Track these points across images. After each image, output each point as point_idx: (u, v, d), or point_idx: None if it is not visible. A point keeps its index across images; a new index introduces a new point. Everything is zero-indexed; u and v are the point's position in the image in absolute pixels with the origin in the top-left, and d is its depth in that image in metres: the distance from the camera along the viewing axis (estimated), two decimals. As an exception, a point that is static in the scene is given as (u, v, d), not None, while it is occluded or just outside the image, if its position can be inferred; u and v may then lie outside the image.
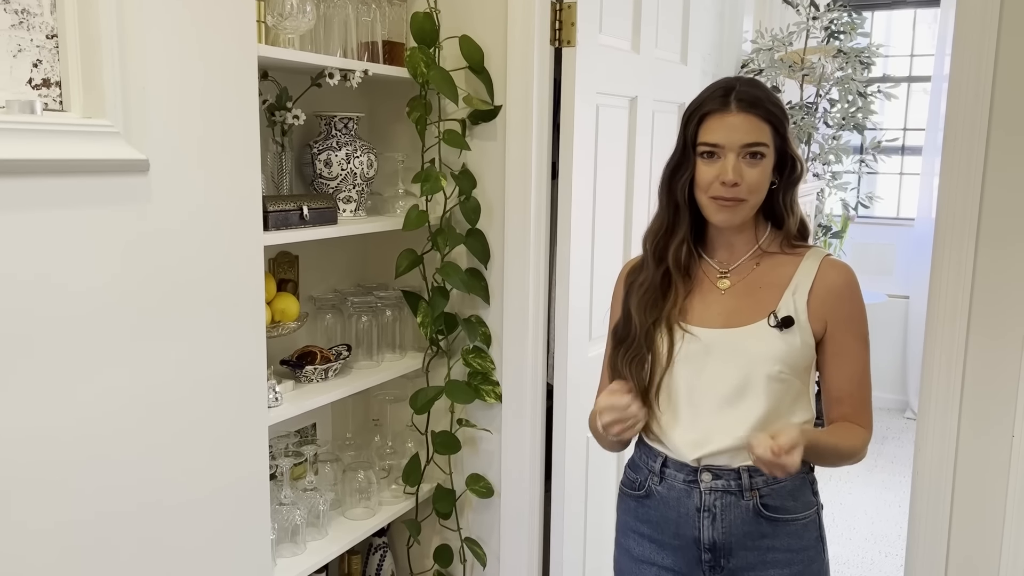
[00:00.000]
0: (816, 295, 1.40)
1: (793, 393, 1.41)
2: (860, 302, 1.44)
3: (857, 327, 1.43)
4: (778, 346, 1.38)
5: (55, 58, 1.24)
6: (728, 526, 1.40)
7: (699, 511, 1.41)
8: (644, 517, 1.48)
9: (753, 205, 1.41)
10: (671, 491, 1.44)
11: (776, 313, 1.39)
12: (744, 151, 1.37)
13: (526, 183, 2.01)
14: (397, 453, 2.17)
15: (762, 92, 1.41)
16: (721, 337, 1.41)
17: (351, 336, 2.05)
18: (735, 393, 1.39)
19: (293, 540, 1.82)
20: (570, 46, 2.00)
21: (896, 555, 3.30)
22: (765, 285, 1.43)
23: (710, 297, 1.45)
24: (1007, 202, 1.59)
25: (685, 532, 1.43)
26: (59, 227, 1.21)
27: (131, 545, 1.36)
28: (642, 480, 1.48)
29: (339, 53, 1.86)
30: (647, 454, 1.49)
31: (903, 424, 4.95)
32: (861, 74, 3.99)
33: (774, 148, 1.39)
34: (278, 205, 1.67)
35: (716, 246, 1.48)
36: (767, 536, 1.41)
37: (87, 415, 1.28)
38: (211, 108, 1.42)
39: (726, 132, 1.37)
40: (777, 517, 1.41)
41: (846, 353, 1.42)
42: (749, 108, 1.37)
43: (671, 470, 1.44)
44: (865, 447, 1.43)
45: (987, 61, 1.57)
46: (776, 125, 1.39)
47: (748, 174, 1.37)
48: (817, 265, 1.42)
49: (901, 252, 5.14)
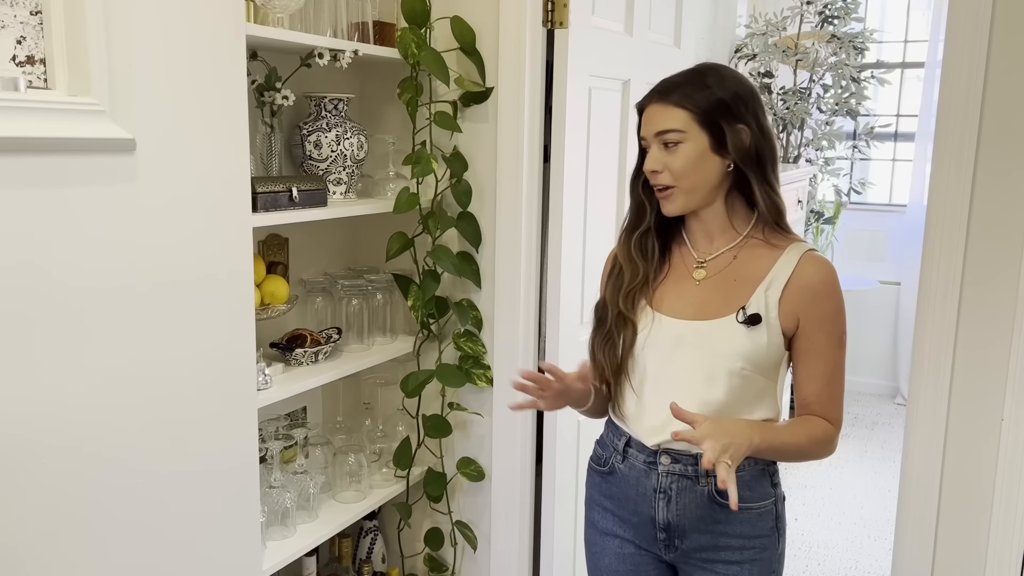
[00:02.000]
0: (790, 291, 1.39)
1: (755, 390, 1.41)
2: (836, 301, 1.41)
3: (830, 326, 1.41)
4: (743, 343, 1.38)
5: (39, 35, 1.22)
6: (682, 509, 1.43)
7: (655, 492, 1.44)
8: (608, 492, 1.53)
9: (689, 190, 1.40)
10: (632, 470, 1.47)
11: (745, 309, 1.39)
12: (659, 139, 1.40)
13: (518, 166, 2.00)
14: (388, 436, 2.17)
15: (686, 78, 1.40)
16: (690, 328, 1.42)
17: (341, 319, 2.05)
18: (698, 384, 1.41)
19: (283, 523, 1.82)
20: (563, 28, 1.99)
21: (885, 539, 3.33)
22: (740, 278, 1.42)
23: (684, 286, 1.46)
24: (999, 189, 1.59)
25: (643, 511, 1.47)
26: (42, 207, 1.20)
27: (119, 528, 1.36)
28: (607, 457, 1.52)
29: (329, 33, 1.84)
30: (614, 432, 1.53)
31: (893, 410, 4.98)
32: (855, 59, 3.98)
33: (700, 130, 1.37)
34: (267, 186, 1.66)
35: (696, 235, 1.48)
36: (720, 522, 1.43)
37: (71, 398, 1.27)
38: (199, 87, 1.41)
39: (645, 124, 1.43)
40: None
41: (817, 352, 1.41)
42: (660, 97, 1.40)
43: (633, 450, 1.48)
44: (830, 443, 1.43)
45: (980, 48, 1.57)
46: (694, 108, 1.37)
47: (668, 161, 1.39)
48: (796, 260, 1.40)
49: (893, 238, 5.15)
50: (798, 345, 1.42)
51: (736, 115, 1.38)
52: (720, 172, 1.40)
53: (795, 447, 1.41)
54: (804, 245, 1.43)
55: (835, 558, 3.25)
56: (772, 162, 1.42)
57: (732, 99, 1.38)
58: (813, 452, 1.43)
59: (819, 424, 1.42)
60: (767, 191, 1.41)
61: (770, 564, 1.47)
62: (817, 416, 1.43)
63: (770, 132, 1.42)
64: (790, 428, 1.42)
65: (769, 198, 1.41)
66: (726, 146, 1.38)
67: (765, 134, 1.40)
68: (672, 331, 1.43)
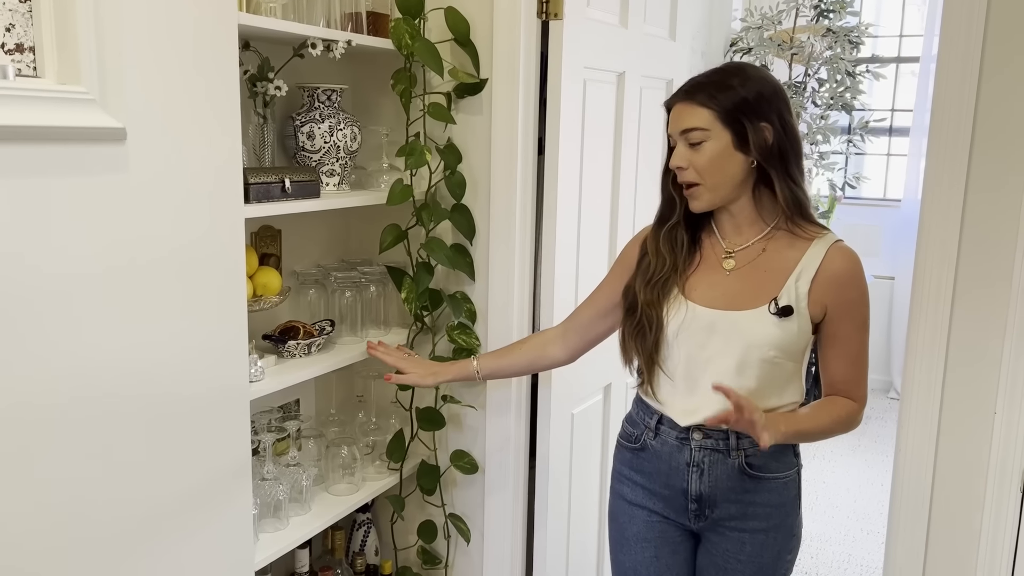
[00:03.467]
0: (819, 282, 1.46)
1: (785, 375, 1.49)
2: (862, 289, 1.49)
3: (857, 312, 1.49)
4: (775, 332, 1.45)
5: (28, 22, 1.21)
6: (714, 480, 1.52)
7: (688, 466, 1.53)
8: (638, 467, 1.61)
9: (714, 187, 1.47)
10: (664, 446, 1.56)
11: (777, 300, 1.45)
12: (684, 137, 1.46)
13: (512, 158, 1.99)
14: (381, 429, 2.16)
15: (711, 78, 1.46)
16: (723, 318, 1.48)
17: (335, 311, 2.04)
18: (731, 371, 1.47)
19: (276, 515, 1.81)
20: (557, 19, 1.98)
21: (878, 532, 3.34)
22: (770, 269, 1.49)
23: (715, 276, 1.52)
24: (993, 184, 1.60)
25: (675, 483, 1.55)
26: (31, 196, 1.18)
27: (111, 521, 1.35)
28: (638, 435, 1.61)
29: (322, 23, 1.82)
30: (644, 411, 1.61)
31: (887, 404, 5.00)
32: (850, 54, 3.97)
33: (723, 128, 1.43)
34: (259, 177, 1.65)
35: (725, 227, 1.55)
36: (749, 491, 1.52)
37: (59, 390, 1.26)
38: (190, 77, 1.40)
39: (672, 122, 1.50)
40: (760, 475, 1.52)
41: (844, 337, 1.49)
42: (686, 96, 1.46)
43: (665, 427, 1.56)
44: (854, 419, 1.52)
45: (975, 42, 1.57)
46: (717, 107, 1.43)
47: (693, 159, 1.46)
48: (824, 251, 1.47)
49: (887, 233, 5.16)
50: (826, 330, 1.50)
51: (759, 114, 1.43)
52: (744, 169, 1.46)
53: (819, 430, 1.50)
54: (832, 236, 1.50)
55: (828, 551, 3.26)
56: (796, 158, 1.47)
57: (755, 98, 1.43)
58: (837, 431, 1.52)
59: (843, 404, 1.51)
60: (789, 185, 1.47)
61: (792, 529, 1.57)
62: (842, 396, 1.52)
63: (794, 129, 1.47)
64: (815, 413, 1.50)
65: (791, 192, 1.47)
66: (748, 144, 1.43)
67: (788, 131, 1.46)
68: (705, 319, 1.49)
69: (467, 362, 1.85)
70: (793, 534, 1.58)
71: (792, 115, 1.48)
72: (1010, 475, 1.62)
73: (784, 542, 1.56)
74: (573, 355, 1.79)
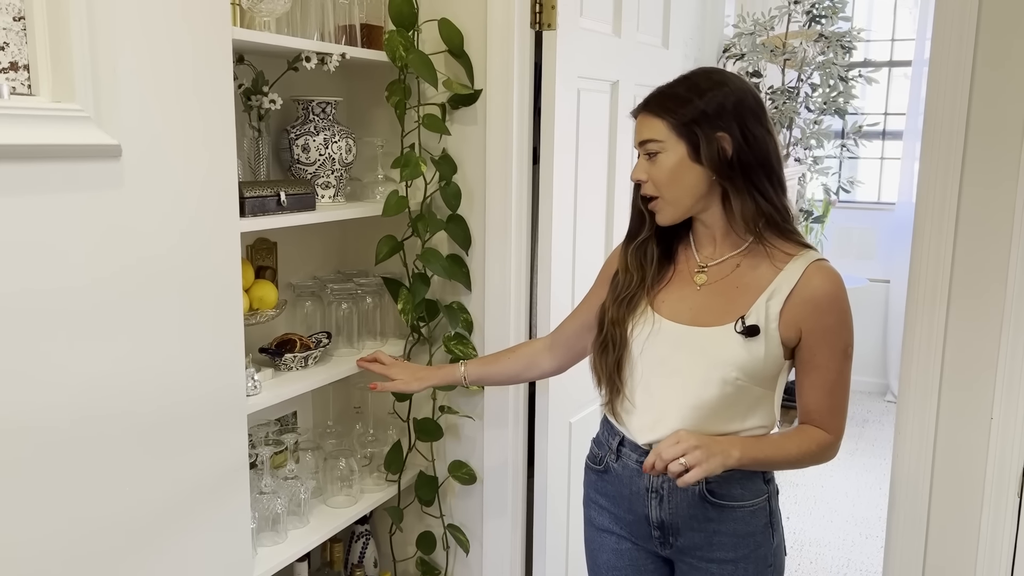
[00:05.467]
0: (793, 303, 1.36)
1: (751, 399, 1.40)
2: (841, 314, 1.38)
3: (834, 339, 1.38)
4: (739, 353, 1.37)
5: (23, 41, 1.21)
6: (675, 508, 1.45)
7: (648, 491, 1.47)
8: (603, 491, 1.56)
9: (674, 200, 1.40)
10: (625, 469, 1.50)
11: (744, 319, 1.37)
12: (642, 149, 1.41)
13: (507, 168, 1.99)
14: (379, 440, 2.16)
15: (671, 88, 1.39)
16: (688, 333, 1.41)
17: (331, 323, 2.04)
18: (691, 389, 1.40)
19: (274, 529, 1.81)
20: (551, 29, 1.98)
21: (877, 537, 3.34)
22: (742, 286, 1.41)
23: (686, 291, 1.46)
24: (986, 186, 1.60)
25: (637, 509, 1.49)
26: (28, 214, 1.18)
27: (108, 535, 1.35)
28: (602, 456, 1.55)
29: (316, 36, 1.83)
30: (608, 432, 1.55)
31: (884, 407, 5.00)
32: (842, 58, 3.99)
33: (676, 139, 1.36)
34: (255, 191, 1.65)
35: (701, 238, 1.48)
36: (713, 520, 1.44)
37: (56, 407, 1.25)
38: (185, 92, 1.40)
39: (635, 134, 1.44)
40: (723, 503, 1.43)
41: (820, 365, 1.39)
42: (645, 107, 1.41)
43: (627, 449, 1.50)
44: (825, 453, 1.43)
45: (967, 45, 1.57)
46: (671, 118, 1.35)
47: (651, 171, 1.40)
48: (802, 270, 1.37)
49: (882, 236, 5.18)
50: (801, 356, 1.41)
51: (714, 125, 1.34)
52: (704, 180, 1.38)
53: (784, 460, 1.41)
54: (813, 254, 1.40)
55: (827, 556, 3.26)
56: (766, 169, 1.37)
57: (715, 109, 1.34)
58: (805, 462, 1.43)
59: (814, 435, 1.42)
60: (753, 198, 1.37)
61: (765, 560, 1.47)
62: (816, 426, 1.42)
63: (760, 138, 1.37)
64: (781, 441, 1.42)
65: (754, 206, 1.37)
66: (698, 150, 1.36)
67: (752, 142, 1.35)
68: (671, 334, 1.43)
69: (454, 367, 1.80)
70: (769, 564, 1.47)
71: (762, 125, 1.37)
72: (1008, 480, 1.63)
73: (758, 573, 1.46)
74: (561, 367, 1.76)
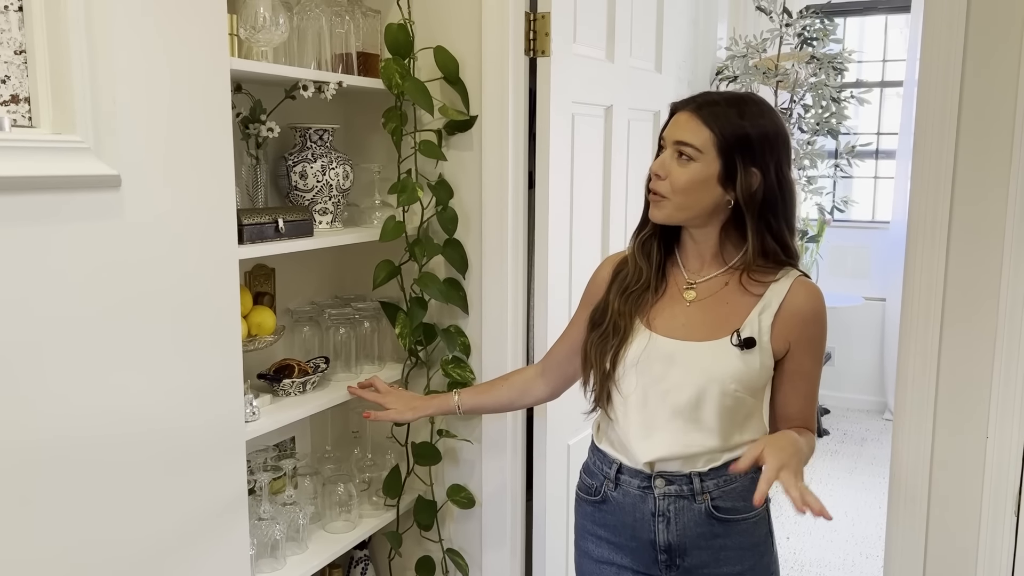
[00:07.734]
0: (783, 317, 1.42)
1: (745, 411, 1.44)
2: (823, 325, 1.46)
3: (816, 349, 1.47)
4: (736, 365, 1.40)
5: (23, 74, 1.23)
6: (682, 528, 1.45)
7: (654, 515, 1.46)
8: (601, 521, 1.53)
9: (679, 207, 1.40)
10: (626, 497, 1.48)
11: (740, 332, 1.41)
12: (676, 148, 1.40)
13: (503, 193, 2.01)
14: (377, 465, 2.16)
15: (725, 99, 1.39)
16: (683, 349, 1.43)
17: (329, 348, 2.04)
18: (689, 405, 1.42)
19: (273, 555, 1.80)
20: (545, 56, 2.01)
21: (877, 556, 3.33)
22: (732, 302, 1.44)
23: (676, 307, 1.47)
24: (977, 204, 1.61)
25: (641, 535, 1.47)
26: (29, 245, 1.20)
27: (106, 562, 1.34)
28: (597, 486, 1.53)
29: (313, 65, 1.85)
30: (601, 460, 1.53)
31: (882, 425, 5.00)
32: (834, 79, 4.03)
33: (715, 155, 1.37)
34: (253, 218, 1.66)
35: (688, 253, 1.50)
36: (719, 536, 1.46)
37: (55, 436, 1.26)
38: (183, 122, 1.41)
39: (671, 127, 1.42)
40: (728, 518, 1.46)
41: (805, 373, 1.47)
42: (698, 108, 1.39)
43: (626, 476, 1.48)
44: (813, 448, 1.50)
45: (955, 65, 1.59)
46: (719, 133, 1.36)
47: (675, 172, 1.40)
48: (788, 286, 1.43)
49: (877, 255, 5.20)
50: (787, 366, 1.46)
51: (754, 156, 1.37)
52: (716, 201, 1.40)
53: (807, 457, 1.46)
54: (795, 272, 1.46)
55: (828, 576, 3.25)
56: (784, 210, 1.41)
57: (758, 138, 1.37)
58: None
59: (807, 435, 1.49)
60: (764, 236, 1.41)
61: (768, 569, 1.51)
62: (799, 427, 1.49)
63: (787, 182, 1.41)
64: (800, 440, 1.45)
65: (762, 243, 1.41)
66: (734, 182, 1.38)
67: (780, 182, 1.40)
68: (665, 350, 1.44)
69: (448, 396, 1.81)
70: (771, 572, 1.52)
71: (790, 166, 1.43)
72: (1005, 498, 1.63)
73: None
74: (555, 392, 1.75)
